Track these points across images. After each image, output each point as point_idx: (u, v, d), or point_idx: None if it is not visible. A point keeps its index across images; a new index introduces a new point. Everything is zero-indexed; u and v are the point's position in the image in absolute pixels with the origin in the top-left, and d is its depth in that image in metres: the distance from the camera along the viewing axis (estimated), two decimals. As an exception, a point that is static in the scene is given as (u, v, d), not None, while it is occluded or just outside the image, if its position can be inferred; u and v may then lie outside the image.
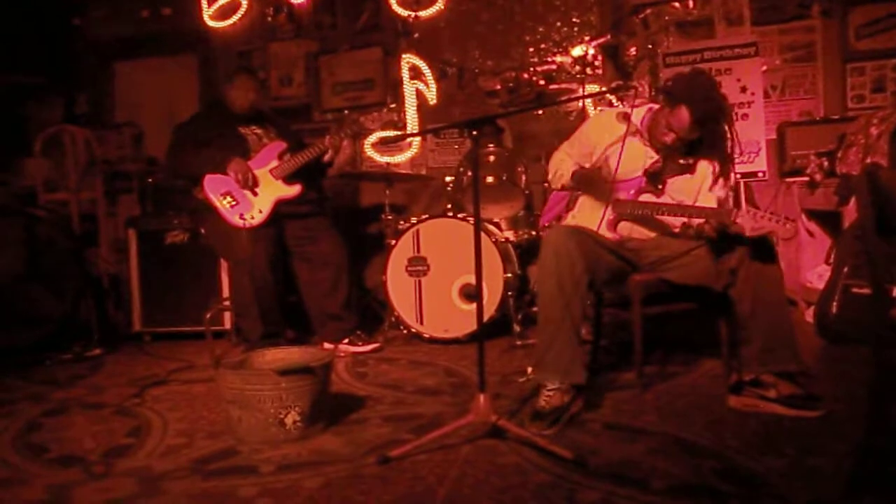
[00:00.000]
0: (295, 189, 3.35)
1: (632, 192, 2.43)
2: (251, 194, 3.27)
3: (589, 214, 2.48)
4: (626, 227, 2.45)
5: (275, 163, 3.37)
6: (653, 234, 2.47)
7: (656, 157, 2.43)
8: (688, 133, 2.30)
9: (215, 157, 3.25)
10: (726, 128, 2.30)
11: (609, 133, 2.49)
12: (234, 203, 3.22)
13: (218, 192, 3.23)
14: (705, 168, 2.43)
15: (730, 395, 2.30)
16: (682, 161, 2.41)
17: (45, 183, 4.23)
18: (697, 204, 2.40)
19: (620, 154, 2.36)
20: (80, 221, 4.09)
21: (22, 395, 2.82)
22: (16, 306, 3.47)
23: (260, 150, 3.39)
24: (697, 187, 2.44)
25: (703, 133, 2.31)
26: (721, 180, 2.43)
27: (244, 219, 3.19)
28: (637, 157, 2.44)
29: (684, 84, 2.32)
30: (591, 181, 2.47)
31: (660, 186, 2.43)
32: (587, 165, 2.54)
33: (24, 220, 3.68)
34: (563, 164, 2.58)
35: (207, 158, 3.26)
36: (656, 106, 2.46)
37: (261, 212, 3.24)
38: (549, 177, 2.65)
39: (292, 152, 3.40)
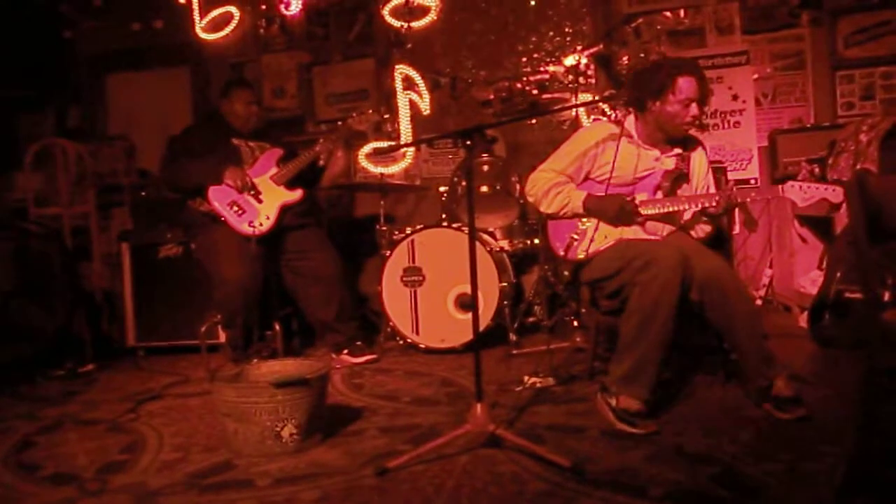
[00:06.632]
0: (297, 193, 3.36)
1: (654, 183, 2.49)
2: (256, 202, 3.27)
3: (612, 230, 2.49)
4: (651, 226, 2.50)
5: (274, 169, 3.38)
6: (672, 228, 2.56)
7: (654, 156, 2.51)
8: (703, 93, 2.39)
9: (210, 168, 3.24)
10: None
11: (612, 138, 2.55)
12: (240, 212, 3.22)
13: (224, 202, 3.23)
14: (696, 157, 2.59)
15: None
16: (679, 161, 2.52)
17: (36, 197, 4.20)
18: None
19: (615, 157, 2.41)
20: (72, 236, 4.07)
21: (14, 413, 2.80)
22: (7, 322, 3.43)
23: (257, 160, 3.40)
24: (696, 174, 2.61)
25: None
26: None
27: (253, 226, 3.19)
28: (629, 160, 2.49)
29: (656, 68, 2.47)
30: (609, 204, 2.45)
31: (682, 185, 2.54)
32: (582, 177, 2.56)
33: (16, 235, 3.65)
34: (565, 189, 2.51)
35: (202, 169, 3.25)
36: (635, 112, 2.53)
37: (268, 218, 3.25)
38: (553, 208, 2.51)
39: (288, 160, 3.42)
